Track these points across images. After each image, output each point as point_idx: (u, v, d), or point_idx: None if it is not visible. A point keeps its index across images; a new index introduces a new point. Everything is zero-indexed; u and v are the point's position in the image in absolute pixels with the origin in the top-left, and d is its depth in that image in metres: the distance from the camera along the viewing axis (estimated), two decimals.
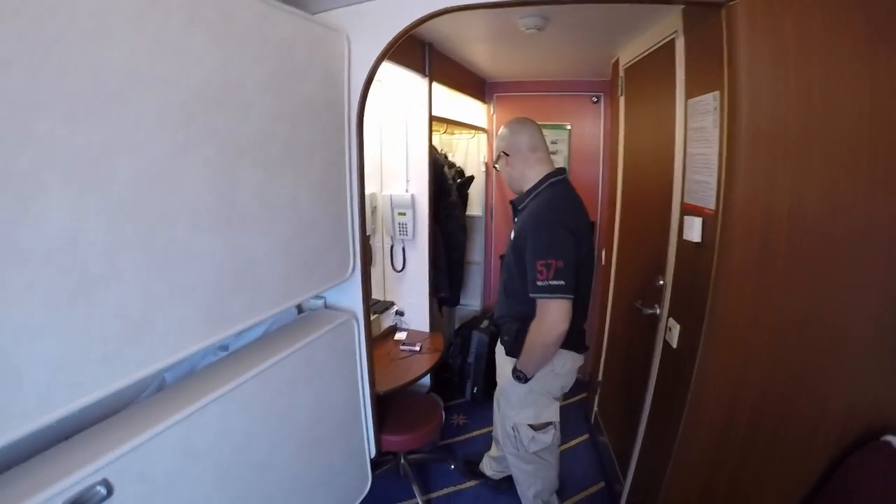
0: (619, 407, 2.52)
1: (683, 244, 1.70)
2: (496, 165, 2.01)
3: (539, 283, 1.64)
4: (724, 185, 1.42)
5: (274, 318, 1.69)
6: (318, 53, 1.58)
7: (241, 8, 1.24)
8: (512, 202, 2.00)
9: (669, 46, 1.82)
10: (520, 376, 1.84)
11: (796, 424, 1.52)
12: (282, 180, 1.44)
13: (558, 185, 1.84)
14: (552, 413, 1.96)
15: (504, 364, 1.99)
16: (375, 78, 1.75)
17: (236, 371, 1.37)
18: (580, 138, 3.48)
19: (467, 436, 3.07)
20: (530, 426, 1.95)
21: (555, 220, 1.70)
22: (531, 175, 1.88)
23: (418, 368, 2.41)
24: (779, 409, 1.51)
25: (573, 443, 2.97)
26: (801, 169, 1.34)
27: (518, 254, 1.78)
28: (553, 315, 1.65)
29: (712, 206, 1.49)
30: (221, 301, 1.25)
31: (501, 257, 3.40)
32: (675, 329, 1.74)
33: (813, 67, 1.30)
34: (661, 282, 1.91)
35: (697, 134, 1.58)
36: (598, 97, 3.37)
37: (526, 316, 1.79)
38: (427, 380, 2.82)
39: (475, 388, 3.32)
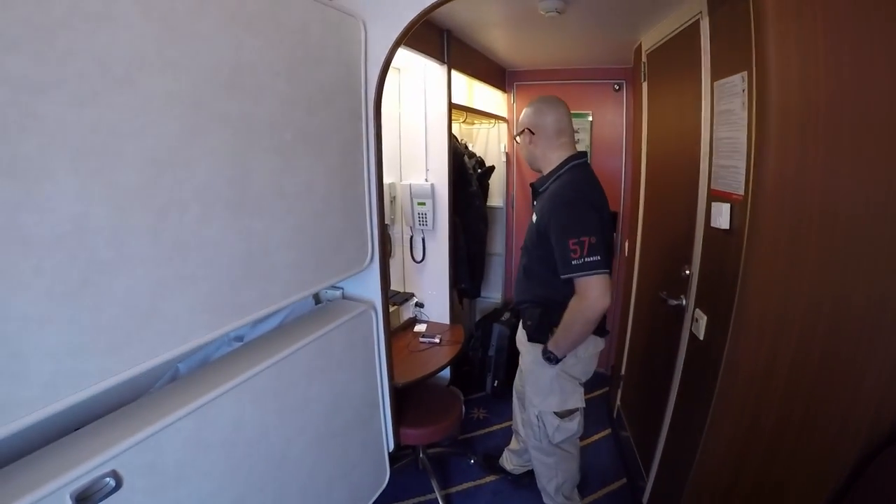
0: (642, 401, 2.46)
1: (711, 232, 1.64)
2: (517, 138, 1.97)
3: (574, 262, 1.61)
4: (754, 168, 1.35)
5: (290, 309, 1.69)
6: (332, 38, 1.54)
7: None
8: (532, 185, 1.96)
9: (694, 28, 1.76)
10: (551, 357, 1.80)
11: (826, 417, 1.46)
12: (296, 166, 1.41)
13: (580, 167, 1.82)
14: (577, 399, 1.93)
15: (528, 351, 1.95)
16: (393, 65, 1.71)
17: (250, 362, 1.34)
18: (602, 127, 3.40)
19: (487, 430, 3.03)
20: (556, 414, 1.92)
21: (580, 198, 1.69)
22: (553, 157, 1.86)
23: (438, 361, 2.38)
24: (808, 401, 1.45)
25: (595, 438, 2.92)
26: (833, 151, 1.27)
27: (542, 236, 1.75)
28: (596, 290, 1.62)
29: (741, 191, 1.43)
30: (233, 290, 1.23)
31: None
32: (702, 320, 1.68)
33: (843, 45, 1.22)
34: (688, 271, 1.85)
35: (725, 117, 1.52)
36: (620, 85, 3.28)
37: (549, 300, 1.79)
38: (447, 372, 2.79)
39: (496, 382, 3.28)
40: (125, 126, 0.93)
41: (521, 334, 2.04)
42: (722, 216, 1.52)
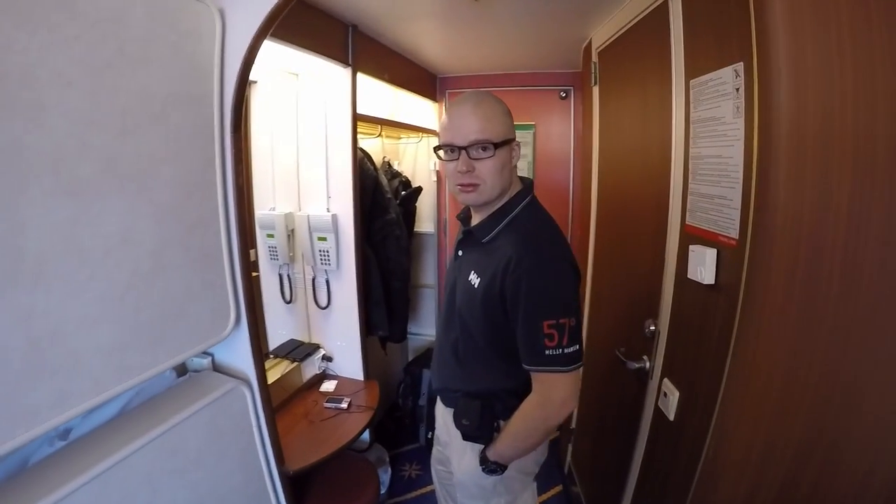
0: (597, 464, 2.10)
1: (687, 284, 1.24)
2: (492, 153, 1.19)
3: (549, 353, 1.13)
4: (756, 202, 0.96)
5: (138, 389, 1.33)
6: (167, 30, 1.18)
7: None
8: (469, 229, 1.35)
9: (660, 13, 1.37)
10: (495, 469, 1.31)
11: None
12: (102, 211, 1.05)
13: (536, 203, 1.31)
14: (528, 498, 1.46)
15: (461, 450, 1.41)
16: (290, 70, 1.28)
17: (65, 476, 1.04)
18: (547, 141, 3.06)
19: (420, 491, 2.61)
20: None
21: (560, 259, 1.18)
22: (513, 183, 1.30)
23: (343, 434, 1.92)
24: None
25: (545, 496, 2.56)
26: (862, 179, 0.90)
27: (491, 305, 1.21)
28: (565, 392, 1.16)
29: (733, 233, 1.04)
30: (10, 393, 0.93)
31: None
32: (673, 397, 1.31)
33: (876, 33, 0.86)
34: (652, 328, 1.47)
35: (706, 127, 1.13)
36: (567, 92, 2.96)
37: (492, 392, 1.31)
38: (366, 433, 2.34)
39: (430, 433, 2.83)
40: None
41: (441, 417, 1.54)
42: (705, 266, 1.12)
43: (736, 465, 1.09)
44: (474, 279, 1.27)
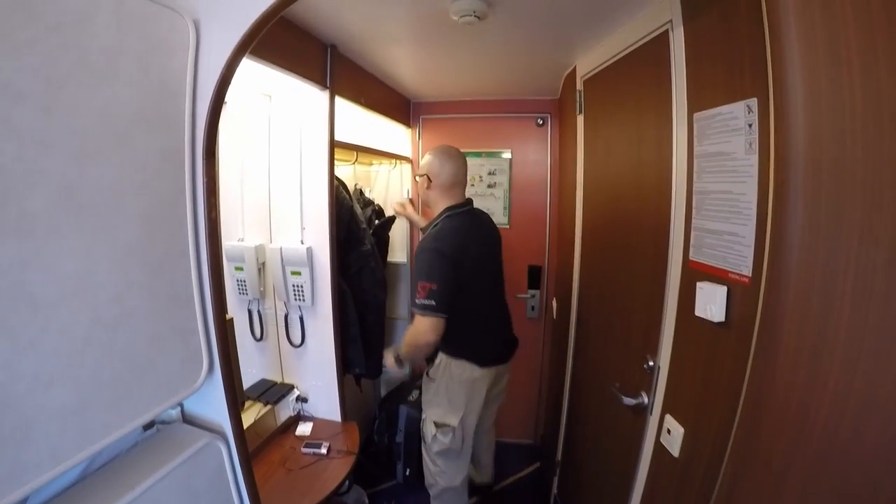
0: (588, 498, 2.05)
1: (692, 320, 1.20)
2: (417, 178, 2.11)
3: (417, 301, 1.83)
4: (772, 240, 0.93)
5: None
6: (135, 40, 1.03)
7: None
8: (421, 229, 2.23)
9: (659, 42, 1.35)
10: (397, 357, 2.01)
11: None
12: (57, 251, 0.90)
13: (454, 217, 1.99)
14: (454, 419, 2.06)
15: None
16: (263, 92, 1.16)
17: None
18: (523, 167, 3.01)
19: None
20: (434, 423, 2.09)
21: (434, 248, 1.86)
22: (440, 205, 2.04)
23: (326, 482, 1.79)
24: None
25: None
26: (870, 215, 0.87)
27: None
28: (420, 326, 1.85)
29: (746, 270, 1.00)
30: None
31: None
32: (677, 433, 1.27)
33: (883, 65, 0.83)
34: (651, 363, 1.43)
35: (714, 162, 1.10)
36: (543, 119, 2.92)
37: None
38: None
39: (407, 471, 2.75)
40: None
41: None
42: (715, 304, 1.08)
43: (748, 500, 1.05)
44: None
